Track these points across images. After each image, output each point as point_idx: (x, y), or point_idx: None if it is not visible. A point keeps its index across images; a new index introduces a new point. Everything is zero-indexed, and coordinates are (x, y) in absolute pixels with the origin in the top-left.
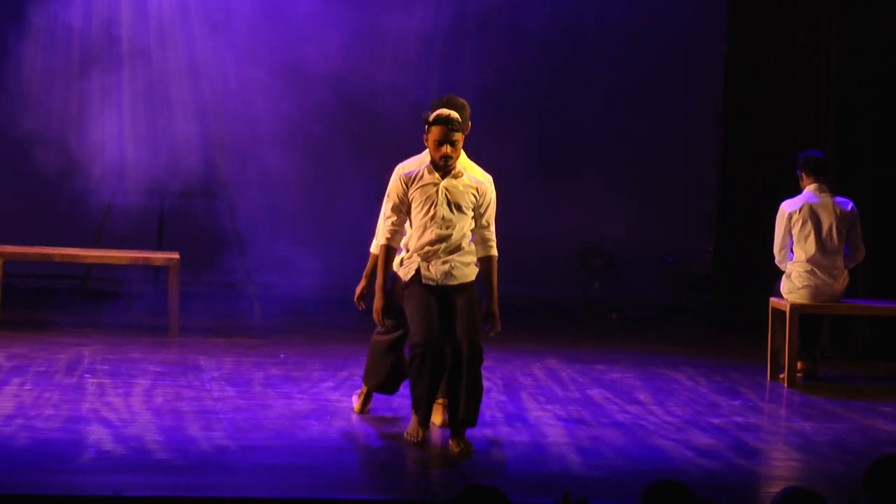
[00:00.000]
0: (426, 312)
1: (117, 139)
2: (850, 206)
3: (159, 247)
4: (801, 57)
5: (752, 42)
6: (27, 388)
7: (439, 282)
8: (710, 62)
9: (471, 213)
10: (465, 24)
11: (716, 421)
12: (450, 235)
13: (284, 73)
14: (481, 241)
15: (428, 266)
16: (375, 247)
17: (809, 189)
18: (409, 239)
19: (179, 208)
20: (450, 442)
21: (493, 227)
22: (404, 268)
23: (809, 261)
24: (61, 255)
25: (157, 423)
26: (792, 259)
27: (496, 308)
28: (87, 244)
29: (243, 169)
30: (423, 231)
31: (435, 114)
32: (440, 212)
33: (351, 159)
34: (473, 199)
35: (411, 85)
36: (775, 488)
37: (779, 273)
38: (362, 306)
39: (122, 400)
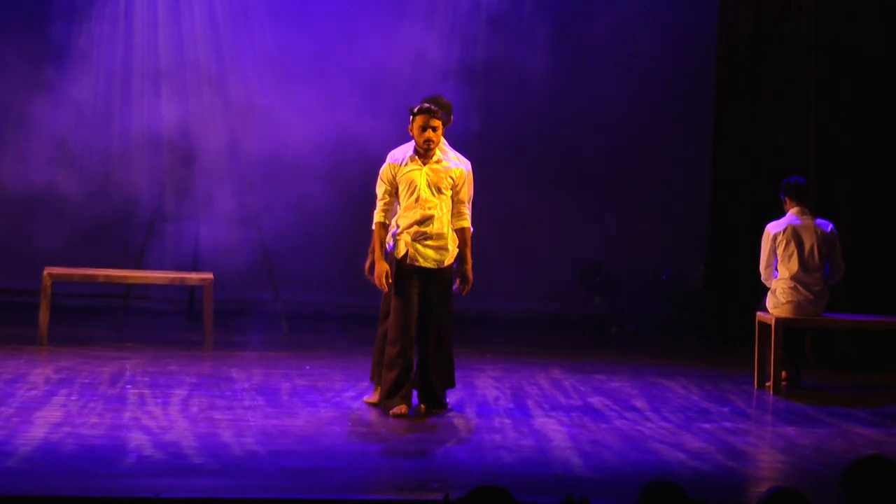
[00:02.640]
0: (406, 319)
1: (155, 168)
2: (829, 227)
3: (195, 268)
4: (787, 87)
5: (743, 71)
6: (73, 398)
7: (423, 264)
8: (703, 87)
9: (450, 194)
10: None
11: (707, 426)
12: (432, 216)
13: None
14: (457, 213)
15: (416, 248)
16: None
17: (792, 212)
18: (398, 218)
19: (214, 232)
20: (423, 407)
21: (468, 204)
22: (395, 244)
23: (793, 278)
24: (105, 276)
25: (192, 430)
26: (777, 276)
27: (469, 270)
28: (130, 266)
29: (275, 193)
30: (410, 211)
31: (418, 105)
32: (423, 194)
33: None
34: (451, 181)
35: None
36: (762, 488)
37: (765, 289)
38: (371, 278)
39: (160, 409)
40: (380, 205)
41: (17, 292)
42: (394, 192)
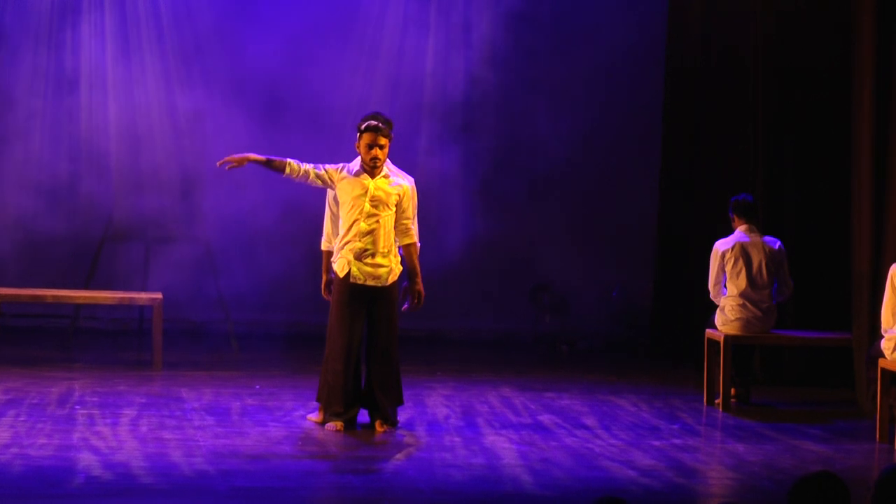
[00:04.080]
0: (349, 338)
1: (105, 184)
2: (777, 244)
3: (144, 288)
4: (734, 106)
5: (690, 91)
6: (21, 419)
7: (366, 282)
8: (651, 107)
9: (394, 211)
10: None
11: (657, 443)
12: (375, 232)
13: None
14: (404, 231)
15: (359, 266)
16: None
17: (741, 229)
18: (340, 236)
19: (162, 251)
20: (377, 424)
21: (414, 221)
22: (337, 264)
23: (741, 295)
24: (53, 297)
25: (142, 450)
26: (725, 294)
27: (420, 286)
28: (78, 285)
29: (221, 211)
30: (353, 227)
31: (365, 122)
32: (367, 209)
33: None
34: (397, 197)
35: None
36: None
37: (713, 307)
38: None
39: (109, 429)
40: (326, 225)
41: None
42: (328, 182)
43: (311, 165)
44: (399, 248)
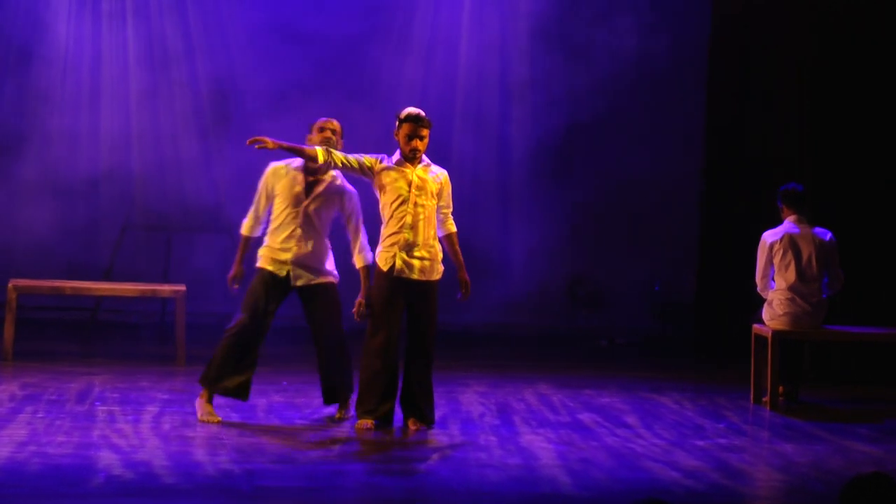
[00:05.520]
0: (389, 335)
1: (129, 174)
2: (828, 236)
3: (166, 279)
4: (779, 94)
5: (732, 78)
6: (40, 415)
7: (411, 275)
8: (692, 96)
9: (435, 201)
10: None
11: (701, 443)
12: (422, 223)
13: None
14: (444, 221)
15: (405, 258)
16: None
17: (790, 220)
18: (384, 230)
19: (185, 242)
20: (410, 422)
21: (451, 210)
22: (380, 258)
23: (790, 289)
24: (72, 289)
25: (164, 448)
26: (773, 287)
27: (466, 275)
28: (98, 277)
29: (247, 202)
30: (398, 218)
31: (405, 112)
32: (412, 198)
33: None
34: (438, 187)
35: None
36: None
37: (760, 301)
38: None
39: (130, 427)
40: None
41: None
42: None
43: (352, 154)
44: (442, 237)
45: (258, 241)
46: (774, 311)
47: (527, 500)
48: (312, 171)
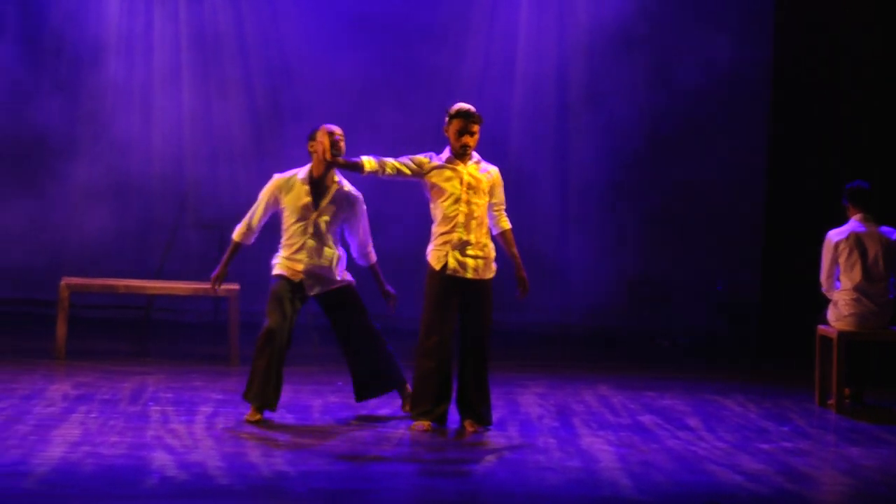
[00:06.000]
0: (443, 334)
1: (178, 174)
2: (895, 235)
3: None
4: (846, 91)
5: (798, 75)
6: (93, 415)
7: (465, 274)
8: (757, 94)
9: (486, 198)
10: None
11: (765, 446)
12: (475, 220)
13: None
14: (498, 218)
15: (458, 257)
16: None
17: (855, 219)
18: (436, 228)
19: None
20: (466, 424)
21: (504, 206)
22: (432, 256)
23: (856, 289)
24: (125, 287)
25: (218, 449)
26: (839, 287)
27: (524, 273)
28: (151, 275)
29: None
30: (451, 216)
31: (456, 107)
32: (465, 196)
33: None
34: (489, 184)
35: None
36: None
37: (826, 301)
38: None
39: (184, 427)
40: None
41: (33, 303)
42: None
43: (401, 159)
44: (497, 235)
45: (248, 249)
46: (840, 311)
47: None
48: (316, 182)
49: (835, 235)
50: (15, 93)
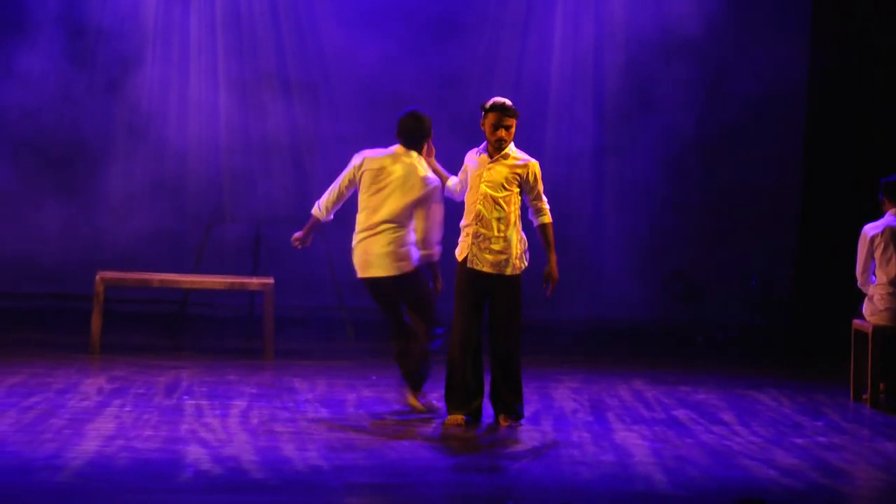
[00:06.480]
0: (468, 325)
1: (216, 169)
2: None
3: (255, 272)
4: (882, 88)
5: (835, 73)
6: (127, 409)
7: (483, 268)
8: (793, 92)
9: (514, 191)
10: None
11: (799, 441)
12: (491, 214)
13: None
14: (536, 211)
15: (476, 251)
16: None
17: (891, 213)
18: (463, 220)
19: (273, 234)
20: (500, 418)
21: (543, 199)
22: (458, 248)
23: (891, 283)
24: (160, 281)
25: (253, 443)
26: (874, 282)
27: (555, 268)
28: (186, 270)
29: None
30: (470, 208)
31: (491, 101)
32: (483, 189)
33: None
34: (518, 178)
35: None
36: None
37: (861, 296)
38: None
39: (219, 421)
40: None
41: (69, 298)
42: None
43: (458, 176)
44: (535, 228)
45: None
46: (875, 306)
47: (620, 498)
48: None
49: (870, 230)
50: (54, 94)
